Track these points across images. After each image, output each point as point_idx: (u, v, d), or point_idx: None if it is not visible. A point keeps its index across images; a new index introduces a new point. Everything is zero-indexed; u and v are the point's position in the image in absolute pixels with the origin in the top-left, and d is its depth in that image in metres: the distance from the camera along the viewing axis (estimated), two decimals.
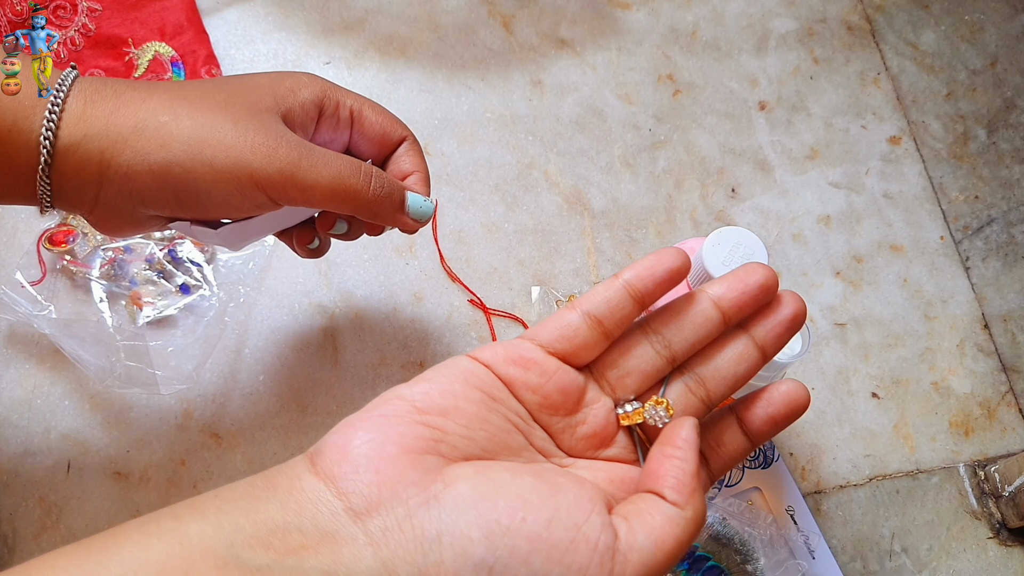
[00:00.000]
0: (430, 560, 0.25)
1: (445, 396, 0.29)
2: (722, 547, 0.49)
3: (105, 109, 0.36)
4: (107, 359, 0.50)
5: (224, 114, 0.36)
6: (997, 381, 0.57)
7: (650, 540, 0.27)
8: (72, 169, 0.36)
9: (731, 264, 0.41)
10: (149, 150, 0.35)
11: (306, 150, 0.37)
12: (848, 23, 0.67)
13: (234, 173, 0.36)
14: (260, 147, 0.36)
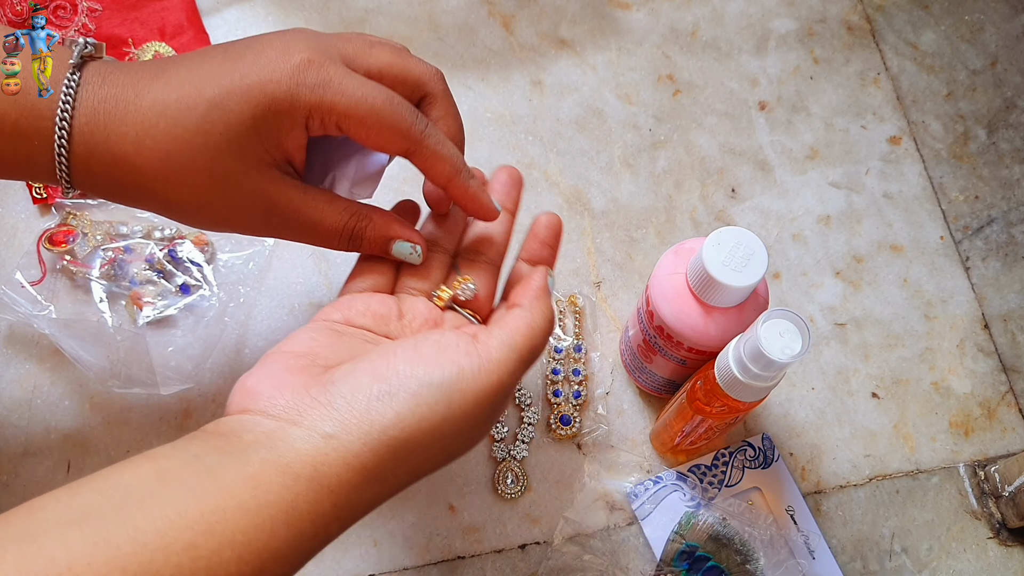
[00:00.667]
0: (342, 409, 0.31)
1: (303, 341, 0.36)
2: (722, 547, 0.49)
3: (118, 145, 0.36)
4: (107, 359, 0.50)
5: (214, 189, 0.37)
6: (997, 381, 0.57)
7: (506, 330, 0.35)
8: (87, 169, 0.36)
9: (731, 264, 0.41)
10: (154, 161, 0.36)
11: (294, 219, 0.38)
12: (848, 23, 0.67)
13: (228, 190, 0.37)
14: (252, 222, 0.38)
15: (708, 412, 0.44)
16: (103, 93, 0.36)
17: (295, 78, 0.35)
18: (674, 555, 0.49)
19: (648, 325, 0.47)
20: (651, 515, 0.51)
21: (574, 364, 0.55)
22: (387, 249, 0.40)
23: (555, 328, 0.53)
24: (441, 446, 0.33)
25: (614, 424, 0.54)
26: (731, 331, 0.43)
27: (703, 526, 0.49)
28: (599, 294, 0.57)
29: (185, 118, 0.35)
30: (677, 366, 0.48)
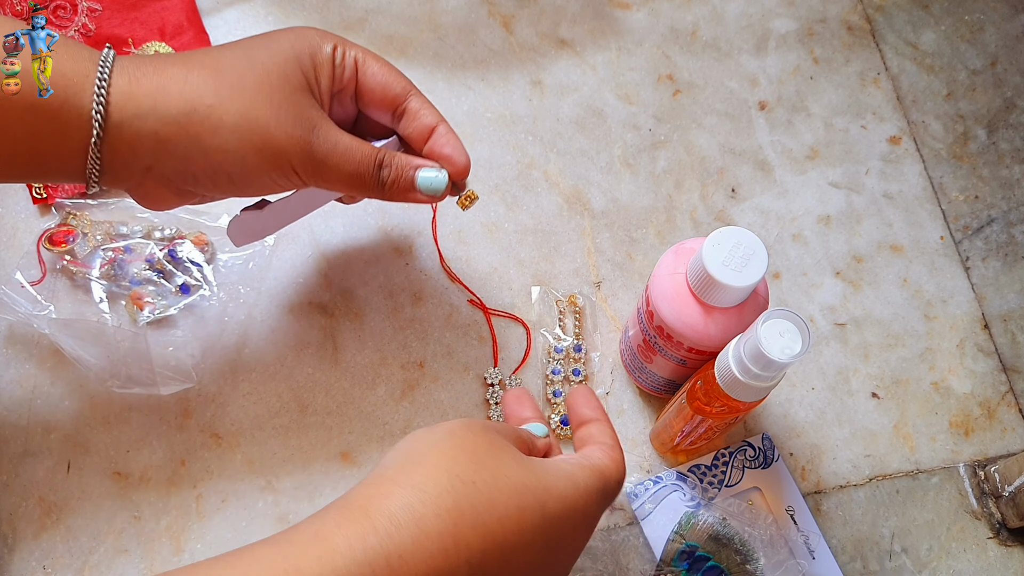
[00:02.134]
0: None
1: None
2: (722, 547, 0.49)
3: (150, 87, 0.38)
4: (107, 359, 0.50)
5: (263, 96, 0.39)
6: (997, 381, 0.57)
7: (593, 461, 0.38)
8: (126, 145, 0.38)
9: (731, 264, 0.41)
10: (203, 136, 0.38)
11: (331, 145, 0.41)
12: (848, 23, 0.67)
13: (278, 161, 0.40)
14: (297, 140, 0.40)
15: (708, 412, 0.44)
16: (137, 64, 0.38)
17: (318, 32, 0.42)
18: (674, 555, 0.49)
19: (648, 325, 0.47)
20: (651, 515, 0.51)
21: (574, 364, 0.55)
22: (413, 182, 0.43)
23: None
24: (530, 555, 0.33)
25: (614, 424, 0.54)
26: (731, 331, 0.43)
27: (703, 526, 0.49)
28: (599, 294, 0.57)
29: (230, 54, 0.40)
30: (677, 366, 0.48)
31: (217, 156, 0.39)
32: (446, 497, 0.32)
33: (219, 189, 0.41)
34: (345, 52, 0.43)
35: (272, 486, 0.51)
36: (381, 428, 0.53)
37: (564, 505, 0.35)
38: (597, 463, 0.38)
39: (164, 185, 0.40)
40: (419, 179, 0.43)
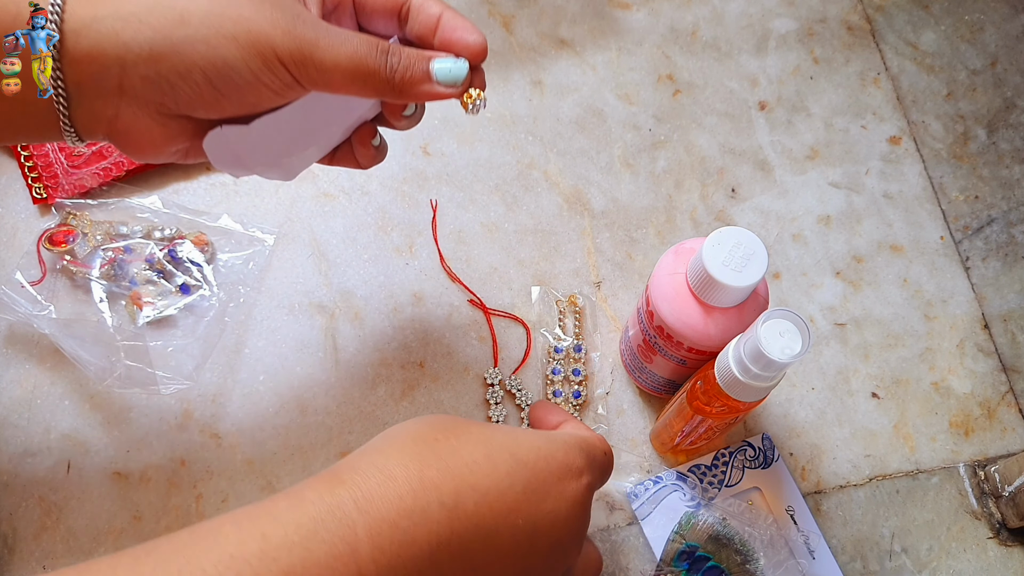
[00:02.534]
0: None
1: None
2: (722, 547, 0.49)
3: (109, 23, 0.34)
4: (107, 359, 0.50)
5: (233, 5, 0.34)
6: (997, 381, 0.57)
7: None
8: (87, 54, 0.34)
9: (731, 264, 0.41)
10: (168, 27, 0.34)
11: (323, 30, 0.35)
12: (848, 23, 0.67)
13: (258, 48, 0.34)
14: (279, 23, 0.34)
15: (708, 412, 0.44)
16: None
17: None
18: (674, 555, 0.49)
19: (648, 325, 0.47)
20: (651, 515, 0.51)
21: (574, 364, 0.55)
22: (428, 72, 0.37)
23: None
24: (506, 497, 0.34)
25: (614, 424, 0.54)
26: (731, 331, 0.43)
27: (703, 526, 0.49)
28: (599, 294, 0.57)
29: None
30: (677, 366, 0.48)
31: (188, 51, 0.34)
32: (409, 451, 0.33)
33: (202, 99, 0.35)
34: None
35: (272, 486, 0.51)
36: (381, 428, 0.53)
37: (538, 454, 0.35)
38: (575, 432, 0.40)
39: (142, 109, 0.35)
40: (435, 68, 0.37)
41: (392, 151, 0.60)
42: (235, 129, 0.37)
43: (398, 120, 0.41)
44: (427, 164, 0.60)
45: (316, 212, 0.58)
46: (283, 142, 0.39)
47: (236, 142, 0.38)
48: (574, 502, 0.36)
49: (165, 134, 0.37)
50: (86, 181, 0.56)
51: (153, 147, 0.37)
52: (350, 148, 0.42)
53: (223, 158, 0.38)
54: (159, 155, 0.38)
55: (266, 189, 0.58)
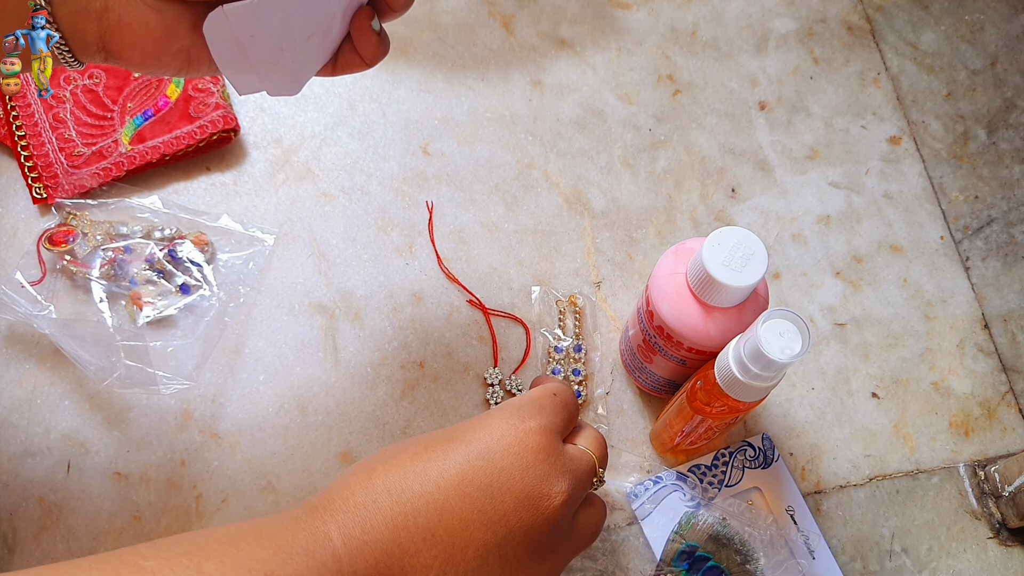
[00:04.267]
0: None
1: None
2: (722, 547, 0.49)
3: None
4: (107, 359, 0.50)
5: None
6: (997, 381, 0.57)
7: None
8: None
9: (731, 264, 0.41)
10: None
11: None
12: (848, 23, 0.67)
13: None
14: None
15: (708, 412, 0.44)
16: None
17: None
18: (674, 555, 0.49)
19: (648, 325, 0.47)
20: (651, 515, 0.51)
21: (574, 364, 0.55)
22: None
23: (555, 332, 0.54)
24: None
25: (614, 424, 0.54)
26: (731, 331, 0.43)
27: (703, 526, 0.49)
28: (599, 294, 0.57)
29: None
30: (677, 366, 0.48)
31: None
32: (361, 464, 0.38)
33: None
34: None
35: (272, 486, 0.51)
36: (381, 428, 0.53)
37: (471, 426, 0.38)
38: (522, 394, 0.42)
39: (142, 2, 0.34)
40: None
41: (392, 151, 0.60)
42: (235, 6, 0.35)
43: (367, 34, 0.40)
44: (427, 164, 0.60)
45: (316, 212, 0.58)
46: (285, 24, 0.37)
47: (238, 24, 0.35)
48: (525, 450, 0.37)
49: (163, 24, 0.35)
50: (86, 181, 0.56)
51: (153, 43, 0.35)
52: (351, 47, 0.41)
53: (224, 46, 0.36)
54: (161, 56, 0.36)
55: (266, 189, 0.58)
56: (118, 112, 0.57)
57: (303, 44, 0.38)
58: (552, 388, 0.42)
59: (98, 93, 0.58)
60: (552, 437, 0.39)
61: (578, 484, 0.39)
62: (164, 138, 0.57)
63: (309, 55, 0.39)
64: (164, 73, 0.37)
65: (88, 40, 0.34)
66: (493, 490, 0.36)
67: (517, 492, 0.37)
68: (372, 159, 0.60)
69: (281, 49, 0.37)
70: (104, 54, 0.35)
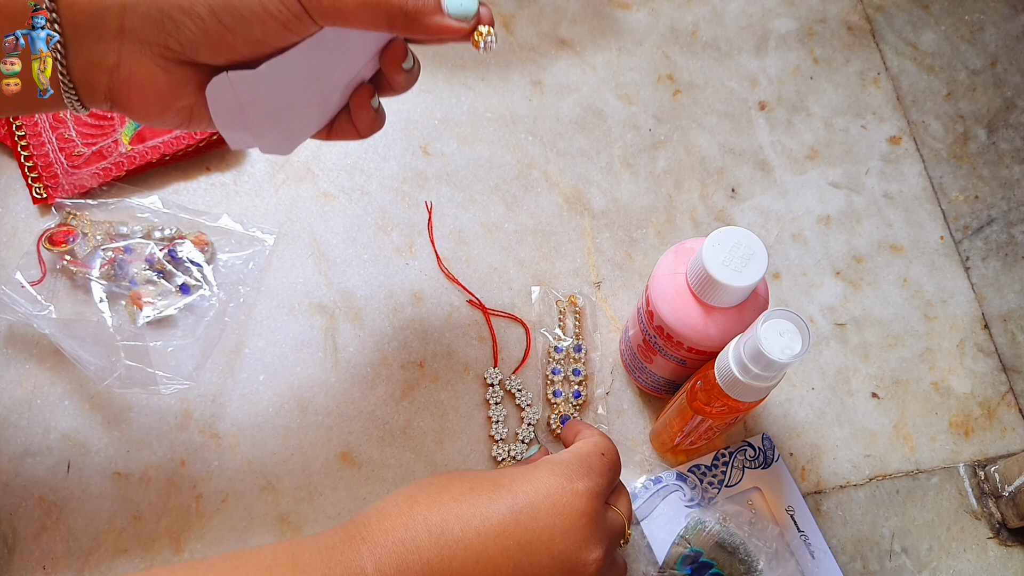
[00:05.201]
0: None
1: None
2: (726, 555, 0.49)
3: None
4: (107, 359, 0.50)
5: None
6: (997, 381, 0.57)
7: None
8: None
9: (731, 264, 0.41)
10: None
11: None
12: (848, 23, 0.67)
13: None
14: None
15: (708, 412, 0.44)
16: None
17: None
18: (678, 559, 0.49)
19: (648, 325, 0.47)
20: (651, 515, 0.51)
21: (574, 364, 0.55)
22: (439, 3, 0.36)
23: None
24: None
25: (614, 424, 0.54)
26: (731, 331, 0.43)
27: (709, 532, 0.49)
28: (599, 294, 0.57)
29: None
30: (677, 366, 0.48)
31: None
32: (404, 492, 0.38)
33: (207, 37, 0.34)
34: None
35: (272, 486, 0.51)
36: (381, 428, 0.53)
37: (521, 478, 0.38)
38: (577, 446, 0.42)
39: (145, 54, 0.34)
40: (448, 6, 0.36)
41: (392, 151, 0.60)
42: (240, 73, 0.36)
43: (397, 74, 0.40)
44: (427, 164, 0.60)
45: (316, 212, 0.58)
46: (286, 93, 0.38)
47: (240, 88, 0.36)
48: (571, 512, 0.37)
49: (170, 83, 0.35)
50: (86, 181, 0.56)
51: (159, 100, 0.36)
52: (348, 118, 0.42)
53: (225, 108, 0.37)
54: (165, 111, 0.37)
55: (266, 189, 0.58)
56: None
57: (301, 112, 0.39)
58: (601, 447, 0.42)
59: None
60: (597, 501, 0.39)
61: (611, 548, 0.39)
62: (164, 138, 0.57)
63: (305, 122, 0.41)
64: (165, 126, 0.38)
65: (97, 91, 0.35)
66: (532, 547, 0.36)
67: (556, 554, 0.37)
68: (372, 159, 0.60)
69: (279, 114, 0.39)
70: (110, 103, 0.36)
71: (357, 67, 0.40)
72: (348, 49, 0.39)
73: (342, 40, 0.38)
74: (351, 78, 0.40)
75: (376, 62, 0.40)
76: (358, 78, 0.41)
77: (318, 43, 0.37)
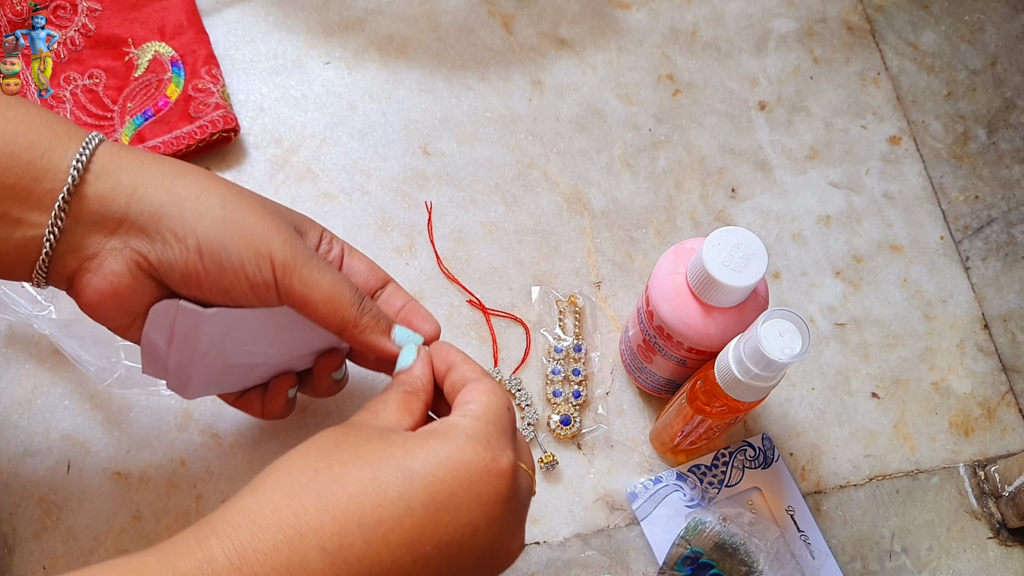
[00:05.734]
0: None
1: None
2: (727, 556, 0.49)
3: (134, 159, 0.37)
4: (107, 359, 0.50)
5: (248, 206, 0.38)
6: (997, 381, 0.57)
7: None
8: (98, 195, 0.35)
9: (731, 264, 0.41)
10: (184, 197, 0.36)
11: (316, 256, 0.39)
12: (848, 23, 0.67)
13: (257, 242, 0.37)
14: (283, 233, 0.38)
15: (708, 412, 0.44)
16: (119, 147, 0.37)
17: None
18: (678, 559, 0.49)
19: (648, 325, 0.47)
20: (651, 515, 0.51)
21: (574, 364, 0.55)
22: (390, 327, 0.40)
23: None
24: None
25: (614, 424, 0.54)
26: (731, 331, 0.43)
27: (709, 533, 0.49)
28: (599, 294, 0.57)
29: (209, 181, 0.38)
30: (677, 366, 0.48)
31: (193, 220, 0.36)
32: (284, 490, 0.31)
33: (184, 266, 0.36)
34: (332, 240, 0.43)
35: None
36: None
37: (437, 460, 0.31)
38: (471, 406, 0.35)
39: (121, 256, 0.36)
40: (396, 329, 0.40)
41: (392, 151, 0.60)
42: (190, 306, 0.38)
43: (325, 379, 0.43)
44: (427, 164, 0.60)
45: (316, 212, 0.58)
46: (219, 345, 0.39)
47: (181, 318, 0.38)
48: (495, 499, 0.32)
49: (131, 289, 0.37)
50: None
51: (114, 297, 0.37)
52: (260, 395, 0.44)
53: (159, 327, 0.38)
54: (111, 311, 0.38)
55: (266, 188, 0.58)
56: (118, 112, 0.57)
57: (222, 370, 0.41)
58: (505, 400, 0.36)
59: (98, 93, 0.58)
60: (517, 475, 0.33)
61: (525, 517, 0.35)
62: (164, 138, 0.57)
63: (221, 381, 0.42)
64: (104, 323, 0.39)
65: (63, 273, 0.37)
66: (452, 549, 0.31)
67: (479, 551, 0.31)
68: (372, 159, 0.60)
69: (202, 360, 0.40)
70: (67, 286, 0.38)
71: (295, 354, 0.42)
72: (294, 335, 0.41)
73: (294, 325, 0.40)
74: (285, 361, 0.42)
75: (311, 359, 0.43)
76: (290, 364, 0.43)
77: (271, 316, 0.39)
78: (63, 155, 0.35)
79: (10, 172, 0.34)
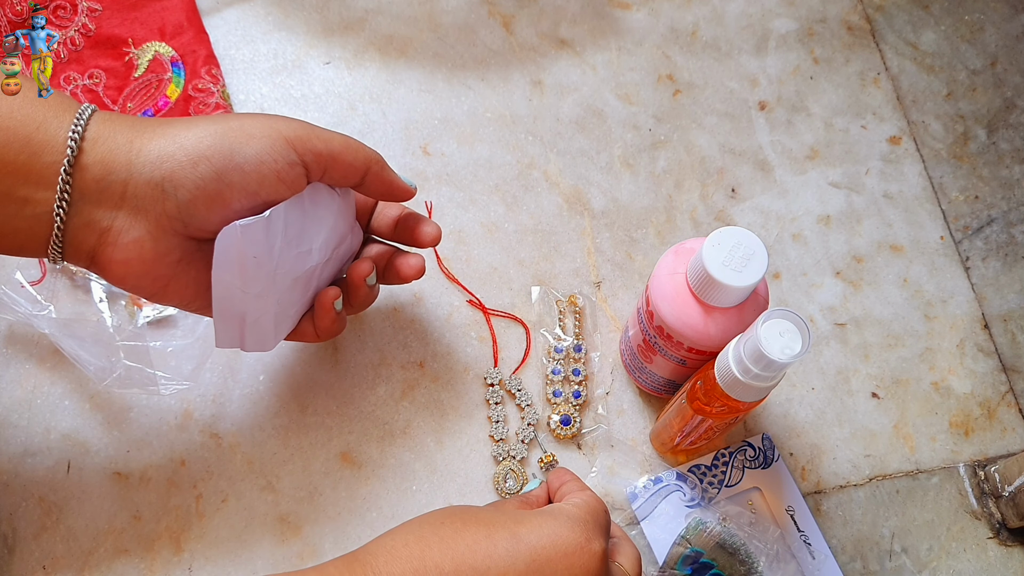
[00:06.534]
0: None
1: None
2: (727, 556, 0.49)
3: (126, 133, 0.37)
4: (107, 359, 0.50)
5: (234, 115, 0.39)
6: (997, 381, 0.57)
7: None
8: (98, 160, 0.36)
9: (731, 264, 0.41)
10: (180, 131, 0.37)
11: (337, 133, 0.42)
12: (848, 23, 0.67)
13: (266, 132, 0.38)
14: (276, 118, 0.39)
15: (708, 412, 0.44)
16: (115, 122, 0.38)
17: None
18: (678, 559, 0.49)
19: (648, 325, 0.47)
20: (651, 515, 0.51)
21: (574, 364, 0.55)
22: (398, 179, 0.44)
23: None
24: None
25: (614, 424, 0.54)
26: (731, 331, 0.43)
27: (710, 533, 0.49)
28: (599, 294, 0.57)
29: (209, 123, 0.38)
30: (677, 366, 0.48)
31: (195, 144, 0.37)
32: (415, 533, 0.37)
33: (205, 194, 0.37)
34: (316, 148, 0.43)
35: (272, 486, 0.51)
36: (381, 428, 0.53)
37: (540, 531, 0.38)
38: (575, 499, 0.42)
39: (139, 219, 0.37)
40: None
41: (392, 151, 0.60)
42: (249, 219, 0.38)
43: (360, 288, 0.46)
44: (427, 164, 0.60)
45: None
46: (285, 255, 0.41)
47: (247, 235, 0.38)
48: (586, 573, 0.38)
49: (155, 251, 0.38)
50: None
51: (140, 264, 0.38)
52: (310, 319, 0.46)
53: (226, 262, 0.39)
54: (142, 277, 0.38)
55: None
56: (118, 112, 0.57)
57: (288, 293, 0.43)
58: (603, 505, 0.42)
59: (98, 93, 0.58)
60: (607, 562, 0.39)
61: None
62: None
63: (289, 307, 0.44)
64: (137, 292, 0.40)
65: (82, 250, 0.37)
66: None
67: None
68: None
69: (273, 281, 0.41)
70: (88, 262, 0.38)
71: (334, 243, 0.44)
72: (330, 215, 0.43)
73: (328, 202, 0.43)
74: (328, 258, 0.44)
75: (347, 262, 0.47)
76: (332, 267, 0.46)
77: (306, 201, 0.41)
78: (59, 126, 0.35)
79: (9, 147, 0.34)
